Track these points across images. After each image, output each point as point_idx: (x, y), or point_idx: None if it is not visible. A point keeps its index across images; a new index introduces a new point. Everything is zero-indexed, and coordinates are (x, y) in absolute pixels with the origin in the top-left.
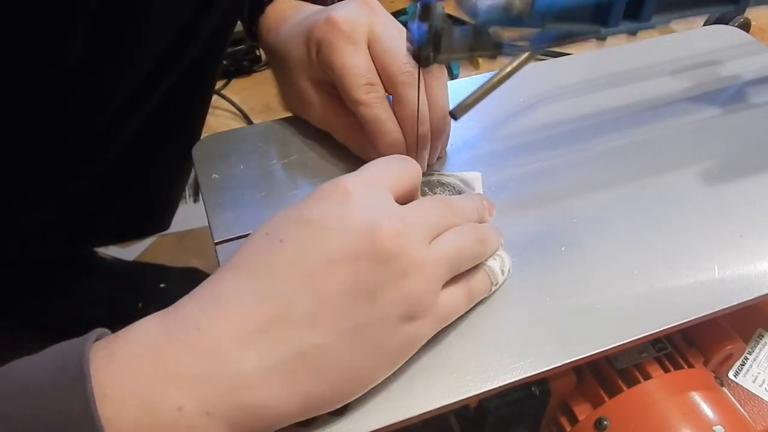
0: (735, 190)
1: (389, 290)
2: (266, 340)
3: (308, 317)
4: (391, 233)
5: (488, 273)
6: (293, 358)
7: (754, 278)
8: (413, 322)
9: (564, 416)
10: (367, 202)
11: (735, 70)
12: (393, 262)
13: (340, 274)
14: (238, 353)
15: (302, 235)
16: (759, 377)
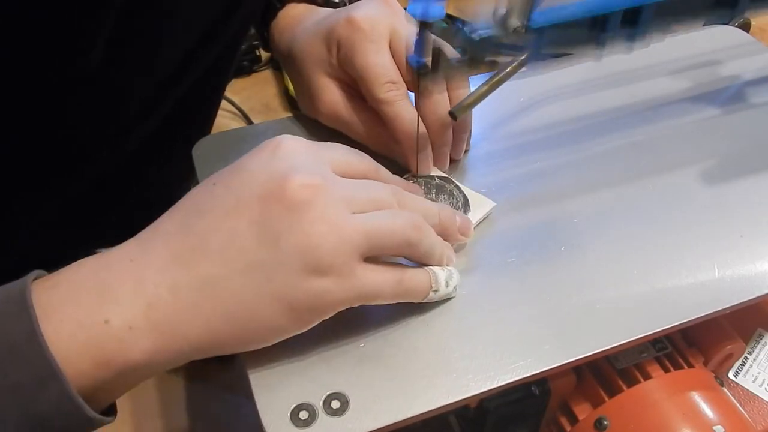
0: (735, 190)
1: (293, 236)
2: (180, 268)
3: (217, 251)
4: (304, 183)
5: (430, 275)
6: (199, 286)
7: (754, 278)
8: (320, 279)
9: (564, 416)
10: (297, 158)
11: (735, 70)
12: (300, 211)
13: (250, 214)
14: (157, 278)
15: (231, 178)
16: (759, 377)
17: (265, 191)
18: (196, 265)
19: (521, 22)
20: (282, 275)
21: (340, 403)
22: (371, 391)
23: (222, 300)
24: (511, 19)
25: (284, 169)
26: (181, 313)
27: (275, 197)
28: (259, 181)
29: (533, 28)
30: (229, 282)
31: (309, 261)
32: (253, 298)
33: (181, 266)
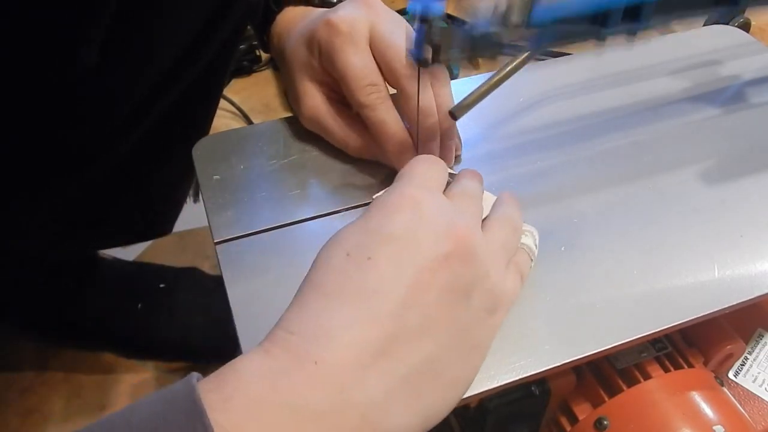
0: (735, 189)
1: (478, 286)
2: (385, 361)
3: (419, 329)
4: (468, 230)
5: (527, 251)
6: (414, 373)
7: (754, 278)
8: (495, 314)
9: (564, 416)
10: (435, 205)
11: (735, 70)
12: (477, 258)
13: (438, 280)
14: (362, 380)
15: (391, 249)
16: (759, 377)
17: (442, 252)
18: (401, 353)
19: (522, 18)
20: (476, 326)
21: None
22: None
23: (439, 377)
24: (511, 15)
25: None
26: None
27: (455, 255)
28: (428, 244)
29: (534, 24)
30: (441, 356)
31: (491, 303)
32: (463, 360)
33: (385, 360)
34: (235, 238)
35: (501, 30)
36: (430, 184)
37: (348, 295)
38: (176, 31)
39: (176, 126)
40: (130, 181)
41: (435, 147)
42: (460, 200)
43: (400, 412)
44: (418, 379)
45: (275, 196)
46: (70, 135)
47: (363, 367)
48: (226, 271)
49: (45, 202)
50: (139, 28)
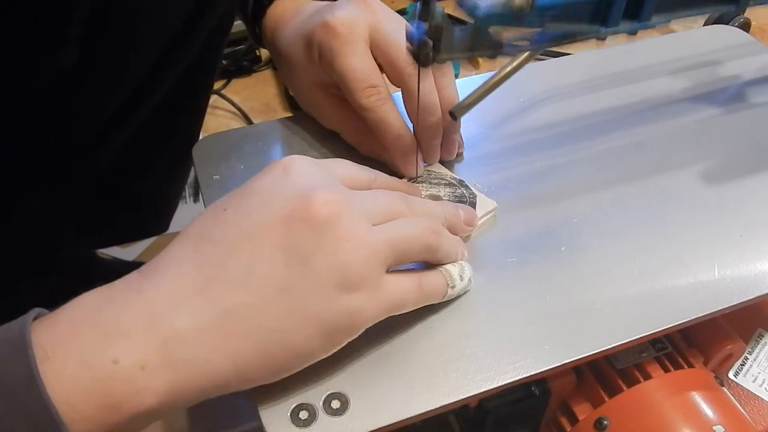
0: (735, 189)
1: (322, 256)
2: (200, 299)
3: (241, 279)
4: (326, 200)
5: (444, 274)
6: (224, 317)
7: (753, 278)
8: (351, 295)
9: (564, 416)
10: (309, 175)
11: (735, 70)
12: (327, 229)
13: (273, 238)
14: (173, 311)
15: (243, 202)
16: (759, 377)
17: (286, 212)
18: (217, 296)
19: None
20: (315, 297)
21: (341, 403)
22: (371, 391)
23: (250, 331)
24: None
25: (303, 188)
26: (203, 348)
27: (299, 217)
28: (277, 202)
29: (539, 6)
30: (258, 311)
31: (340, 279)
32: (285, 325)
33: (200, 297)
34: None
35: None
36: (329, 166)
37: (191, 238)
38: (156, 27)
39: (165, 125)
40: (122, 181)
41: (437, 145)
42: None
43: (204, 349)
44: (227, 325)
45: None
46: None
47: (176, 301)
48: None
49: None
50: (116, 26)
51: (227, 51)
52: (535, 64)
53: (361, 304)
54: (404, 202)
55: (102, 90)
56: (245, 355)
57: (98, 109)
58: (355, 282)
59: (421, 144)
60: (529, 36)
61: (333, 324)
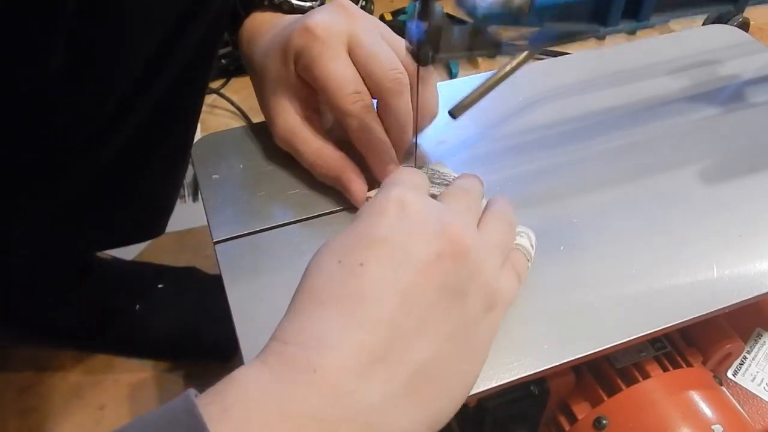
0: (734, 189)
1: (473, 283)
2: (385, 366)
3: (415, 332)
4: (460, 227)
5: (523, 252)
6: (414, 376)
7: (752, 277)
8: (492, 312)
9: (563, 415)
10: (420, 204)
11: (734, 69)
12: (471, 255)
13: (432, 281)
14: (363, 387)
15: (381, 253)
16: (758, 376)
17: (434, 251)
18: (400, 357)
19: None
20: (473, 325)
21: None
22: None
23: (440, 379)
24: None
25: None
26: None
27: (447, 253)
28: (419, 245)
29: (537, 6)
30: (441, 358)
31: (487, 300)
32: (462, 360)
33: (384, 365)
34: (234, 238)
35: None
36: (417, 186)
37: (342, 301)
38: (146, 28)
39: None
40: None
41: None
42: (453, 198)
43: (401, 416)
44: (419, 383)
45: (275, 196)
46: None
47: (361, 374)
48: (225, 271)
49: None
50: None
51: (227, 50)
52: (534, 63)
53: (499, 315)
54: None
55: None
56: (439, 406)
57: (93, 110)
58: (494, 299)
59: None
60: (528, 35)
61: (488, 343)
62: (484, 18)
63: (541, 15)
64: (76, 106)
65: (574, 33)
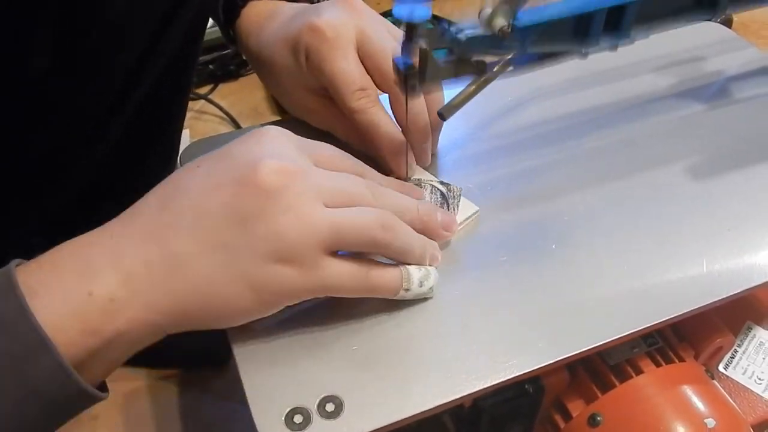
0: (722, 184)
1: (260, 222)
2: (154, 242)
3: (189, 229)
4: (276, 170)
5: (402, 274)
6: (169, 261)
7: (742, 271)
8: (283, 266)
9: (558, 413)
10: (277, 146)
11: (719, 66)
12: (270, 198)
13: (221, 197)
14: (133, 251)
15: (213, 162)
16: (748, 369)
17: (239, 174)
18: (167, 242)
19: (507, 21)
20: (246, 258)
21: (335, 405)
22: (365, 393)
23: (189, 276)
24: (496, 19)
25: (261, 155)
26: (153, 286)
27: (248, 181)
28: (236, 164)
29: (519, 27)
30: (197, 260)
31: (273, 248)
32: (217, 277)
33: (154, 242)
34: None
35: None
36: (303, 144)
37: (164, 189)
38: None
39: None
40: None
41: (427, 148)
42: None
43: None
44: (172, 266)
45: None
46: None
47: (137, 243)
48: None
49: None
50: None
51: (214, 55)
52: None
53: (291, 276)
54: (370, 190)
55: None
56: (185, 298)
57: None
58: (288, 255)
59: (412, 147)
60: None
61: (261, 286)
62: (467, 44)
63: (523, 35)
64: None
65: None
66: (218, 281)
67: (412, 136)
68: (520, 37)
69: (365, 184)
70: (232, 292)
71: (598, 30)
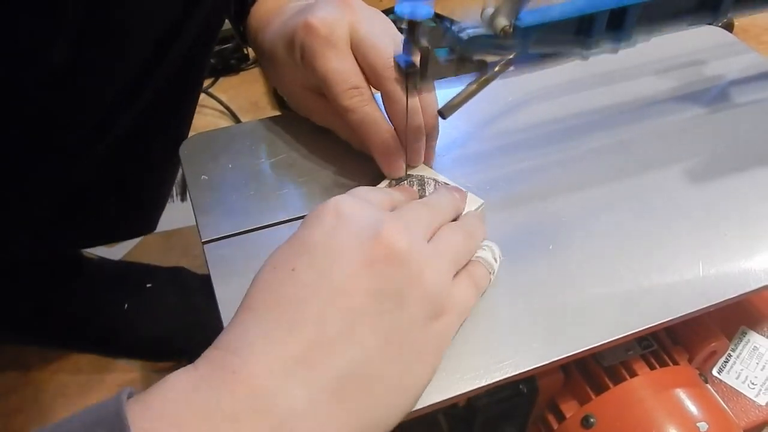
0: (720, 188)
1: (412, 289)
2: (306, 367)
3: (342, 335)
4: (397, 232)
5: (484, 264)
6: (337, 380)
7: (737, 276)
8: (440, 319)
9: (551, 414)
10: (357, 211)
11: (719, 70)
12: (408, 261)
13: (362, 285)
14: (281, 387)
15: (312, 258)
16: (742, 374)
17: (366, 257)
18: (324, 361)
19: (509, 21)
20: (412, 331)
21: None
22: None
23: (367, 384)
24: (498, 18)
25: (367, 228)
26: (323, 420)
27: (380, 258)
28: (350, 249)
29: (521, 27)
30: (367, 364)
31: (430, 307)
32: (396, 369)
33: (306, 368)
34: (222, 238)
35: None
36: (368, 197)
37: (270, 307)
38: (148, 22)
39: (157, 124)
40: (111, 180)
41: (420, 148)
42: (405, 209)
43: (327, 422)
44: (347, 388)
45: (263, 196)
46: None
47: (282, 375)
48: (213, 271)
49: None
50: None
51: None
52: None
53: (448, 324)
54: (429, 208)
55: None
56: (368, 412)
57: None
58: (441, 306)
59: (405, 146)
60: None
61: (433, 352)
62: (469, 43)
63: (525, 35)
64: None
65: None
66: (397, 375)
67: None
68: (521, 37)
69: (422, 204)
70: (411, 379)
71: (600, 31)
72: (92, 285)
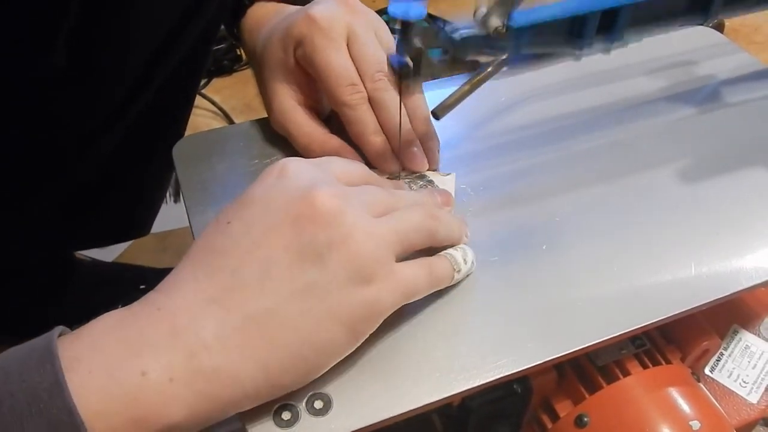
0: (712, 188)
1: (335, 251)
2: (219, 308)
3: (257, 285)
4: (330, 195)
5: (450, 260)
6: (246, 323)
7: (729, 275)
8: (368, 286)
9: (545, 413)
10: (306, 175)
11: (710, 70)
12: (335, 224)
13: (283, 239)
14: (195, 322)
15: (245, 212)
16: (734, 372)
17: (292, 213)
18: (236, 304)
19: (502, 21)
20: (333, 292)
21: (323, 402)
22: (354, 391)
23: (273, 334)
24: (491, 18)
25: (304, 188)
26: (229, 357)
27: (306, 216)
28: (280, 205)
29: (513, 28)
30: (279, 313)
31: (355, 272)
32: (307, 324)
33: (219, 308)
34: None
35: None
36: (323, 164)
37: (201, 255)
38: (148, 28)
39: (154, 125)
40: (108, 183)
41: (415, 152)
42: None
43: (228, 357)
44: (251, 331)
45: None
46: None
47: (199, 313)
48: None
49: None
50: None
51: None
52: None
53: (378, 294)
54: (393, 196)
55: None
56: (275, 359)
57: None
58: (369, 273)
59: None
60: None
61: (354, 317)
62: (462, 43)
63: (518, 36)
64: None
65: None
66: (309, 328)
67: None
68: (514, 37)
69: (389, 191)
70: (326, 336)
71: (592, 32)
72: (85, 287)
